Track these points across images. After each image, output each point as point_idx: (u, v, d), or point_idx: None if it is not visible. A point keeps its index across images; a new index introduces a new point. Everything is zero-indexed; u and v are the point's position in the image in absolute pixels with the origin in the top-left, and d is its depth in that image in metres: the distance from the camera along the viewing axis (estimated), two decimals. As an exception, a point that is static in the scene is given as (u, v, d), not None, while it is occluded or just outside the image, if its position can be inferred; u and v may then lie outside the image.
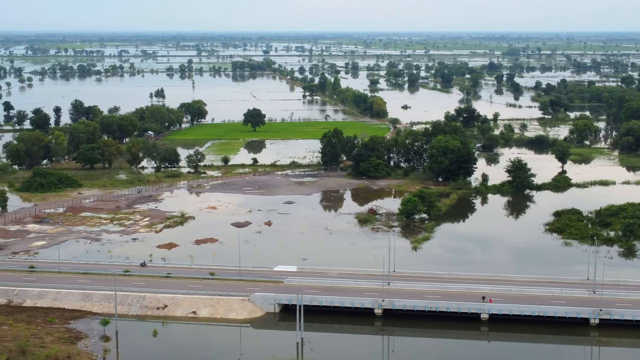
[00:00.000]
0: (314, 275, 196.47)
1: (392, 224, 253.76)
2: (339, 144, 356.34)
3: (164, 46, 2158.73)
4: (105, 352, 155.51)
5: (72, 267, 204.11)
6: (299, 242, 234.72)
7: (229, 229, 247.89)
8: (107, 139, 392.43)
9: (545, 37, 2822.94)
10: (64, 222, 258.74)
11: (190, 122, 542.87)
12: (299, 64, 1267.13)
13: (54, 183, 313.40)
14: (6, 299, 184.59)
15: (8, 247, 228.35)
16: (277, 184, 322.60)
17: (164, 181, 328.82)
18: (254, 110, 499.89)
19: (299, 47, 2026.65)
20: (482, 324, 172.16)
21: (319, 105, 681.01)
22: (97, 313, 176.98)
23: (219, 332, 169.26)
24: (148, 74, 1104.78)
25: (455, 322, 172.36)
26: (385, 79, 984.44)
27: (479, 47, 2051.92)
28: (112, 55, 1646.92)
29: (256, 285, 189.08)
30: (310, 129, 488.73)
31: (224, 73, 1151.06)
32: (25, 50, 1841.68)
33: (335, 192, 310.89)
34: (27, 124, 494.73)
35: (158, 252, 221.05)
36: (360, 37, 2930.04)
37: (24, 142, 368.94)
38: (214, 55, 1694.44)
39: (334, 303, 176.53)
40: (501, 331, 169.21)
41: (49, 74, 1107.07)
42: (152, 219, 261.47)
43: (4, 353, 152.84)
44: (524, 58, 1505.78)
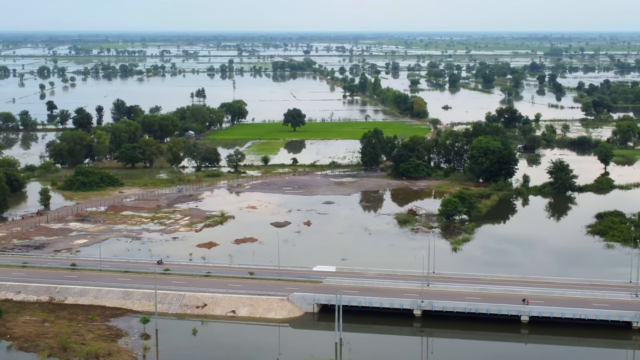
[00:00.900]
0: (352, 275, 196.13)
1: (432, 225, 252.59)
2: (379, 144, 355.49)
3: (205, 46, 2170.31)
4: (145, 350, 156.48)
5: (113, 265, 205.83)
6: (338, 243, 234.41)
7: (269, 228, 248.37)
8: (148, 139, 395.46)
9: (588, 37, 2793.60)
10: (105, 220, 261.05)
11: (230, 121, 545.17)
12: (340, 64, 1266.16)
13: (96, 182, 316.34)
14: (48, 296, 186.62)
15: (51, 244, 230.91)
16: (317, 184, 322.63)
17: (204, 180, 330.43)
18: (294, 110, 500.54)
19: (340, 47, 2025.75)
20: (522, 326, 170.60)
21: (359, 106, 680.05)
22: (137, 311, 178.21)
23: (257, 331, 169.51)
24: (189, 74, 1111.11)
25: (495, 324, 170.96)
26: (426, 79, 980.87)
27: (520, 47, 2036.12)
28: (154, 55, 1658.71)
29: (295, 285, 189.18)
30: (350, 129, 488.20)
31: (265, 73, 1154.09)
32: (68, 50, 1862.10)
33: (375, 193, 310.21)
34: (69, 124, 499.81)
35: (198, 251, 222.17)
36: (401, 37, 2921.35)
37: (67, 141, 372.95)
38: (254, 56, 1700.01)
39: (373, 304, 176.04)
40: (541, 334, 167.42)
41: (92, 73, 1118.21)
42: (192, 218, 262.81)
43: (45, 350, 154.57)
44: (566, 58, 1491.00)
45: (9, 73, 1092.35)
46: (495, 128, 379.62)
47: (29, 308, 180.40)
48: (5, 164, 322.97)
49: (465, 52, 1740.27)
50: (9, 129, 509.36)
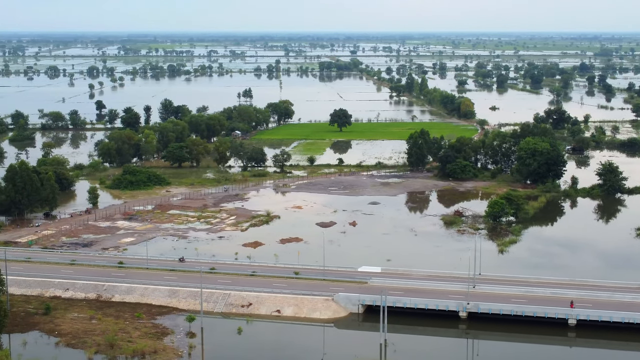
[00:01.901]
0: (398, 276, 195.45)
1: (479, 227, 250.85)
2: (425, 144, 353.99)
3: (252, 46, 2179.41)
4: (190, 348, 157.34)
5: (160, 264, 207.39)
6: (384, 243, 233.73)
7: (314, 228, 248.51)
8: (195, 138, 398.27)
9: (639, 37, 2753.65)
10: (152, 219, 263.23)
11: (277, 121, 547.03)
12: (386, 64, 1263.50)
13: (143, 181, 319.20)
14: (96, 294, 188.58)
15: (98, 243, 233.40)
16: (363, 184, 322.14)
17: (250, 180, 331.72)
18: (341, 111, 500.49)
19: (387, 47, 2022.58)
20: (569, 329, 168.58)
21: (406, 106, 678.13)
22: (183, 309, 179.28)
23: (302, 331, 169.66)
24: (236, 74, 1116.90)
25: (541, 327, 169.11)
26: (473, 79, 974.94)
27: (570, 47, 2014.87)
28: (201, 56, 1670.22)
29: (340, 285, 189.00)
30: (397, 130, 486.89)
31: (311, 73, 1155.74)
32: (117, 50, 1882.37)
33: (421, 194, 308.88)
34: (118, 123, 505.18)
35: (244, 251, 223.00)
36: (449, 37, 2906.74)
37: (115, 140, 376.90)
38: (301, 56, 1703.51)
39: (418, 305, 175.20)
40: (589, 337, 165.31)
41: (140, 73, 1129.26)
42: (238, 218, 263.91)
43: (92, 347, 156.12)
44: (616, 59, 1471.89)
45: (59, 73, 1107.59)
46: (544, 129, 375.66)
47: (76, 305, 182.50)
48: (55, 163, 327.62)
49: (513, 53, 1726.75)
50: (59, 128, 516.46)
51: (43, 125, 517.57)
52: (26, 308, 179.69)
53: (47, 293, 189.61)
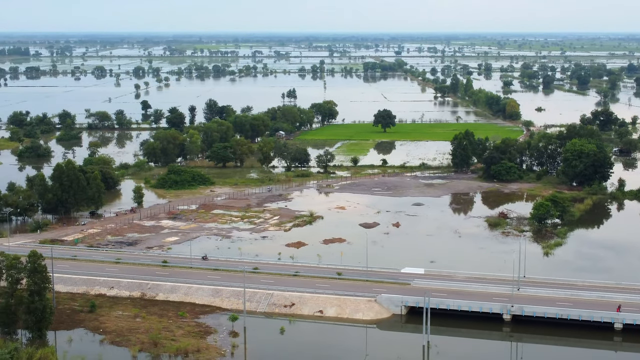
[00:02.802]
0: (441, 278, 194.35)
1: (523, 229, 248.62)
2: (470, 146, 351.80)
3: (296, 47, 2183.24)
4: (233, 348, 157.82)
5: (203, 263, 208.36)
6: (427, 245, 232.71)
7: (357, 229, 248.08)
8: (239, 138, 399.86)
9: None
10: (196, 218, 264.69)
11: (320, 122, 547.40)
12: (431, 65, 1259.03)
13: (188, 180, 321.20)
14: (140, 292, 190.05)
15: (143, 241, 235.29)
16: (406, 185, 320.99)
17: (293, 180, 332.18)
18: (385, 111, 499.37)
19: (431, 48, 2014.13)
20: (615, 334, 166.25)
21: (450, 107, 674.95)
22: (226, 309, 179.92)
23: (345, 331, 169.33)
24: (280, 75, 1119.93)
25: (587, 331, 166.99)
26: (519, 80, 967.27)
27: (617, 48, 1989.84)
28: (246, 56, 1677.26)
29: (383, 286, 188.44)
30: (441, 131, 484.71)
31: (355, 74, 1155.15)
32: (163, 51, 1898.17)
33: (465, 195, 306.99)
34: (163, 123, 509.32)
35: (287, 251, 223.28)
36: (494, 38, 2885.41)
37: (160, 140, 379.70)
38: (345, 56, 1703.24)
39: (461, 307, 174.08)
40: (635, 342, 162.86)
41: (185, 74, 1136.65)
42: (282, 218, 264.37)
43: (137, 344, 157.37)
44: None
45: (105, 73, 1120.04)
46: (590, 131, 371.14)
47: (121, 303, 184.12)
48: (101, 162, 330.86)
49: (560, 53, 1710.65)
50: (105, 128, 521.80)
51: (90, 125, 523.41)
52: (72, 305, 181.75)
53: (92, 291, 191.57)
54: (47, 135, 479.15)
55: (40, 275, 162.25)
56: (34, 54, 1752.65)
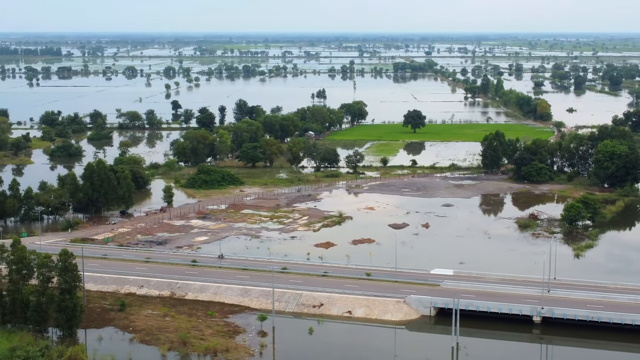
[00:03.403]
0: (471, 279, 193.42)
1: (554, 230, 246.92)
2: (500, 146, 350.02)
3: (326, 47, 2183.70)
4: (261, 347, 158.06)
5: (232, 263, 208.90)
6: (457, 246, 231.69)
7: (386, 230, 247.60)
8: (269, 138, 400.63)
9: None
10: (226, 218, 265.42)
11: (350, 122, 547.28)
12: (461, 65, 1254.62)
13: (217, 180, 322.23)
14: (169, 291, 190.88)
15: (173, 241, 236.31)
16: (436, 186, 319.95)
17: (323, 181, 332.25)
18: (414, 112, 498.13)
19: (462, 48, 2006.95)
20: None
21: (481, 107, 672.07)
22: (255, 308, 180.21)
23: (373, 332, 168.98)
24: (310, 75, 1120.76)
25: (618, 333, 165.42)
26: (550, 81, 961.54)
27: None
28: (276, 56, 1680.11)
29: (412, 287, 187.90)
30: (471, 131, 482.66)
31: (385, 74, 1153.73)
32: (193, 51, 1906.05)
33: (495, 196, 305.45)
34: (193, 123, 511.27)
35: (316, 251, 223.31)
36: (525, 38, 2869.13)
37: (190, 140, 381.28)
38: (375, 57, 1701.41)
39: (491, 309, 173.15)
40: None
41: (215, 74, 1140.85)
42: (311, 218, 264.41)
43: (166, 343, 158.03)
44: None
45: (136, 73, 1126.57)
46: (622, 132, 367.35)
47: (151, 302, 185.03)
48: (131, 162, 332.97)
49: (592, 54, 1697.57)
50: (136, 128, 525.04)
51: (120, 125, 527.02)
52: (102, 304, 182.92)
53: (122, 290, 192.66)
54: (78, 135, 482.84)
55: (71, 274, 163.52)
56: (66, 54, 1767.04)
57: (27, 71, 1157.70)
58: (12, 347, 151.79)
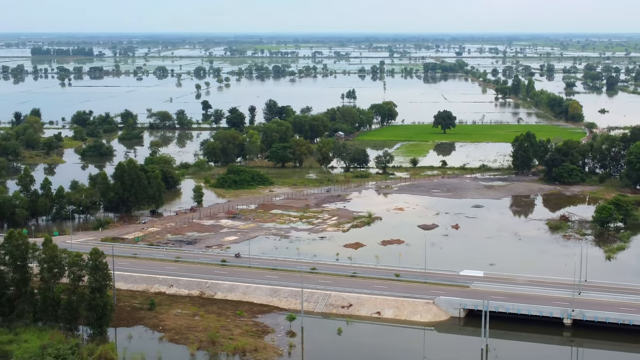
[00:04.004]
0: (500, 281, 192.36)
1: (585, 232, 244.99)
2: (531, 147, 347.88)
3: (356, 47, 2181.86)
4: (290, 347, 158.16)
5: (261, 263, 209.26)
6: (487, 247, 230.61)
7: (416, 230, 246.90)
8: (298, 139, 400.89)
9: None
10: (255, 218, 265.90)
11: (380, 123, 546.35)
12: (492, 65, 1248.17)
13: (247, 180, 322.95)
14: (199, 291, 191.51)
15: (202, 240, 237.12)
16: (466, 187, 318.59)
17: (352, 181, 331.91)
18: (445, 112, 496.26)
19: (493, 48, 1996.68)
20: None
21: (512, 108, 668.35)
22: (283, 308, 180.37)
23: (402, 333, 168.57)
24: (340, 75, 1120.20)
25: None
26: (582, 81, 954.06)
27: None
28: (306, 57, 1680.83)
29: (441, 288, 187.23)
30: (502, 132, 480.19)
31: (415, 74, 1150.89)
32: (224, 51, 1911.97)
33: (526, 197, 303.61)
34: (223, 123, 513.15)
35: (345, 251, 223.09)
36: (557, 38, 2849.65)
37: (220, 140, 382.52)
38: (406, 57, 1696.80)
39: (521, 311, 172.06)
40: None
41: (245, 74, 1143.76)
42: (340, 218, 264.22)
43: (195, 343, 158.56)
44: None
45: (167, 73, 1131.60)
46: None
47: (180, 301, 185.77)
48: (161, 162, 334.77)
49: (624, 54, 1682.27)
50: (166, 128, 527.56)
51: (151, 125, 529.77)
52: (132, 303, 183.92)
53: (152, 289, 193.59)
54: (109, 135, 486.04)
55: (101, 273, 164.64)
56: (98, 54, 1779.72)
57: (59, 71, 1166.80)
58: (44, 345, 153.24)
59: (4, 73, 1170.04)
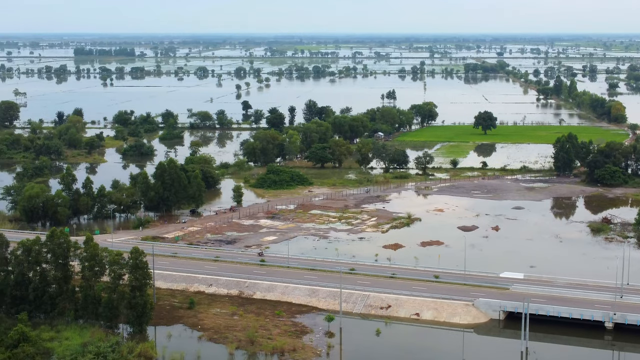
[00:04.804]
0: (541, 283, 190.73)
1: (628, 235, 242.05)
2: (572, 149, 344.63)
3: (397, 48, 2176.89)
4: (329, 348, 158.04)
5: (300, 263, 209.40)
6: (527, 249, 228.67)
7: (455, 232, 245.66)
8: (338, 139, 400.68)
9: None
10: (294, 218, 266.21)
11: (420, 123, 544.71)
12: (534, 66, 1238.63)
13: (286, 180, 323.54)
14: (238, 290, 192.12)
15: (241, 240, 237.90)
16: (507, 188, 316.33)
17: (392, 182, 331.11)
18: (485, 113, 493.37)
19: (534, 49, 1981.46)
20: None
21: (553, 109, 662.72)
22: (322, 309, 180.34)
23: (441, 335, 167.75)
24: (380, 76, 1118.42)
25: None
26: (625, 82, 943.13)
27: None
28: (346, 57, 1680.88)
29: (481, 290, 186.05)
30: (543, 133, 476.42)
31: (456, 75, 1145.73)
32: (264, 52, 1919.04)
33: (567, 199, 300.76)
34: (263, 123, 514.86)
35: (384, 252, 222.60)
36: (600, 39, 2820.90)
37: (260, 140, 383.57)
38: (446, 57, 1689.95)
39: (561, 313, 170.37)
40: None
41: (285, 74, 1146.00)
42: (379, 219, 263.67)
43: (234, 342, 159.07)
44: None
45: (207, 73, 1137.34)
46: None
47: (219, 301, 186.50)
48: (201, 161, 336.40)
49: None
50: (206, 128, 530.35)
51: (191, 125, 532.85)
52: (171, 302, 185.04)
53: (191, 288, 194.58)
54: (150, 134, 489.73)
55: (141, 272, 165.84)
56: (139, 54, 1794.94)
57: (101, 71, 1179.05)
58: (84, 342, 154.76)
59: (47, 73, 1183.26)
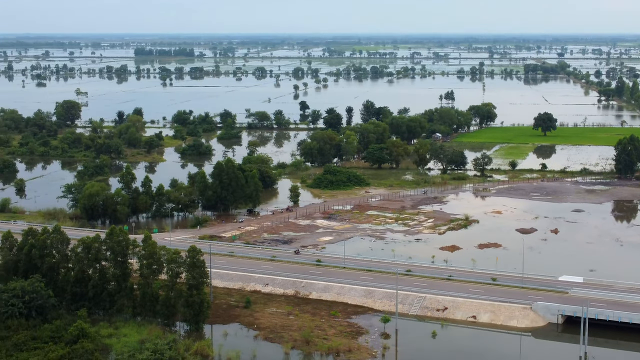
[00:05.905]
0: (601, 287, 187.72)
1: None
2: (635, 151, 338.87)
3: (455, 48, 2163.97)
4: (384, 349, 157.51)
5: (356, 264, 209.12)
6: (587, 252, 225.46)
7: (513, 234, 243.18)
8: (395, 140, 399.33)
9: None
10: (351, 219, 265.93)
11: (478, 124, 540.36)
12: (595, 67, 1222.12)
13: (343, 181, 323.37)
14: (294, 290, 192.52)
15: (298, 240, 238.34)
16: (566, 190, 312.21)
17: (449, 183, 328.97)
18: (545, 114, 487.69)
19: (596, 49, 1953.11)
20: None
21: (615, 111, 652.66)
22: (378, 310, 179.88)
23: (498, 338, 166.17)
24: (438, 76, 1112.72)
25: None
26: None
27: None
28: (404, 57, 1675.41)
29: (539, 293, 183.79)
30: (604, 135, 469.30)
31: (516, 76, 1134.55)
32: (322, 52, 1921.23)
33: (629, 202, 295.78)
34: (320, 123, 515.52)
35: (440, 254, 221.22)
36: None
37: (317, 140, 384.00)
38: (506, 58, 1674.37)
39: (622, 318, 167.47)
40: None
41: (343, 75, 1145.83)
42: (436, 221, 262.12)
43: (289, 342, 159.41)
44: None
45: (266, 74, 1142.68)
46: None
47: (275, 300, 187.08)
48: (259, 161, 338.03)
49: None
50: (264, 128, 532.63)
51: (249, 125, 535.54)
52: (228, 300, 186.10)
53: (247, 287, 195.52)
54: (208, 134, 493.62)
55: (198, 270, 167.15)
56: (198, 55, 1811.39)
57: (161, 71, 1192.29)
58: (142, 339, 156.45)
59: (108, 73, 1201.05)
